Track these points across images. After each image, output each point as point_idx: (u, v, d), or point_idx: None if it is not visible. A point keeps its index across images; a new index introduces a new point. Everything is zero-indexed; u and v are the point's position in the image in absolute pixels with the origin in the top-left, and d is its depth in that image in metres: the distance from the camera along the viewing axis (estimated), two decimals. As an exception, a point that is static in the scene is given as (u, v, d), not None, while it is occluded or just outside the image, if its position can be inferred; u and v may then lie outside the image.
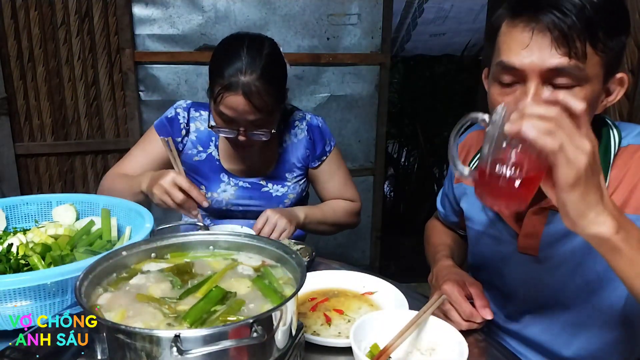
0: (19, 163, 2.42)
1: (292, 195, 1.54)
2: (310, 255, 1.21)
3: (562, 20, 0.77)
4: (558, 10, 0.77)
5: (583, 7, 0.77)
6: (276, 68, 1.34)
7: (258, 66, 1.26)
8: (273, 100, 1.31)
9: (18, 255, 0.99)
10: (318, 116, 1.57)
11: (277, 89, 1.33)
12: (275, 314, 0.65)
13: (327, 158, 1.55)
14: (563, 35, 0.77)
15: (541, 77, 0.80)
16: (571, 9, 0.77)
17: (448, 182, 1.25)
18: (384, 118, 2.85)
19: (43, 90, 2.38)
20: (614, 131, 0.94)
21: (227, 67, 1.26)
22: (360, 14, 2.65)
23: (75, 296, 0.66)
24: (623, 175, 0.90)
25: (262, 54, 1.29)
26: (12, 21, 2.26)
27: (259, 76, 1.26)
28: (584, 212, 0.67)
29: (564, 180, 0.64)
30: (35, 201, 1.22)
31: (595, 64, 0.80)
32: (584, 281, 0.97)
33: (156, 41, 2.41)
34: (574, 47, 0.77)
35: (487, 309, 0.96)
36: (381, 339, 0.86)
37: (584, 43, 0.77)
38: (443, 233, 1.33)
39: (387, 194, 4.25)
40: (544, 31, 0.79)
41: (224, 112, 1.29)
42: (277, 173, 1.53)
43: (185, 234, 0.89)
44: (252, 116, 1.29)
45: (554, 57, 0.78)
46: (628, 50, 1.94)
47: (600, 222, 0.67)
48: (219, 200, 1.51)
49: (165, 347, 0.58)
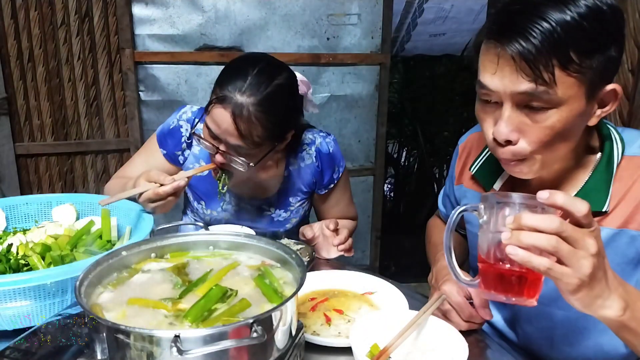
0: (19, 163, 2.42)
1: (295, 219, 1.50)
2: (310, 255, 1.21)
3: (525, 48, 0.75)
4: (522, 37, 0.75)
5: (552, 31, 0.74)
6: (281, 102, 1.21)
7: (260, 92, 1.15)
8: (264, 133, 1.17)
9: (18, 255, 0.99)
10: (329, 135, 1.45)
11: (273, 123, 1.18)
12: (275, 314, 0.65)
13: (334, 185, 1.47)
14: (527, 63, 0.75)
15: (513, 100, 0.80)
16: (537, 35, 0.75)
17: (449, 182, 1.25)
18: (384, 118, 2.85)
19: (43, 90, 2.38)
20: (617, 140, 0.91)
21: (229, 80, 1.16)
22: (360, 14, 2.65)
23: (75, 296, 0.66)
24: (627, 188, 0.87)
25: (273, 82, 1.18)
26: (12, 21, 2.26)
27: (256, 102, 1.14)
28: (591, 303, 0.69)
29: (567, 289, 0.67)
30: (35, 201, 1.22)
31: (570, 85, 0.77)
32: None
33: (156, 41, 2.41)
34: (540, 75, 0.75)
35: (487, 309, 0.96)
36: (381, 339, 0.86)
37: (551, 69, 0.75)
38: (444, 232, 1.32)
39: (387, 194, 4.25)
40: (508, 60, 0.77)
41: (208, 124, 1.19)
42: (281, 197, 1.45)
43: (185, 234, 0.89)
44: (233, 140, 1.16)
45: (521, 83, 0.77)
46: (628, 50, 1.94)
47: (607, 306, 0.70)
48: (219, 219, 1.47)
49: (165, 347, 0.58)
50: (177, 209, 2.68)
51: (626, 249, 0.88)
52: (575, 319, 0.99)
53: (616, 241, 0.88)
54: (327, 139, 1.44)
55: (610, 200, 0.88)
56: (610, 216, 0.88)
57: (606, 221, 0.89)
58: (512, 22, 0.77)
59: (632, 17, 1.89)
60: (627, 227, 0.87)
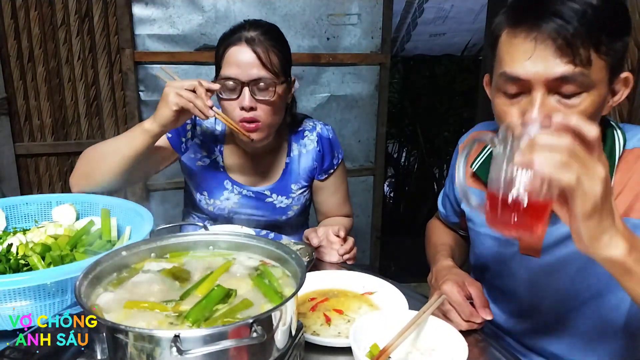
0: (19, 163, 2.42)
1: (296, 207, 1.52)
2: (310, 256, 1.21)
3: (564, 27, 0.76)
4: (559, 17, 0.76)
5: (584, 12, 0.76)
6: (280, 34, 1.35)
7: (262, 26, 1.29)
8: (277, 62, 1.28)
9: (18, 255, 0.99)
10: (327, 125, 1.54)
11: (282, 49, 1.31)
12: (275, 314, 0.65)
13: (334, 171, 1.53)
14: (566, 43, 0.76)
15: (546, 86, 0.79)
16: (573, 15, 0.76)
17: (449, 182, 1.25)
18: (384, 118, 2.85)
19: (43, 90, 2.38)
20: (618, 133, 0.93)
21: (232, 31, 1.28)
22: (360, 14, 2.65)
23: (75, 296, 0.66)
24: (628, 179, 0.89)
25: (264, 22, 1.33)
26: (12, 21, 2.25)
27: (263, 32, 1.27)
28: (598, 237, 0.66)
29: (581, 211, 0.63)
30: (35, 201, 1.22)
31: (600, 68, 0.79)
32: (585, 286, 0.97)
33: (156, 41, 2.41)
34: (578, 54, 0.76)
35: (487, 309, 0.96)
36: (381, 339, 0.86)
37: (588, 49, 0.76)
38: (444, 233, 1.33)
39: (387, 194, 4.25)
40: (546, 40, 0.77)
41: (227, 73, 1.26)
42: (283, 184, 1.49)
43: (185, 234, 0.90)
44: (257, 70, 1.25)
45: (558, 65, 0.77)
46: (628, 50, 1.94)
47: (613, 245, 0.67)
48: (222, 208, 1.49)
49: (165, 347, 0.58)
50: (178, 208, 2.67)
51: None
52: (577, 321, 1.00)
53: None
54: (326, 126, 1.53)
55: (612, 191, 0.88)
56: None
57: None
58: (542, 4, 0.78)
59: (632, 17, 1.89)
60: (628, 215, 0.88)
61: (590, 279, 0.95)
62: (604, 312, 0.97)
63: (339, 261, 1.27)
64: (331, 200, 1.57)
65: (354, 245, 1.30)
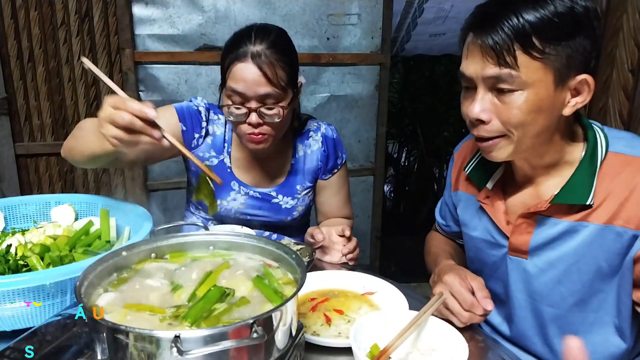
0: (19, 163, 2.42)
1: (301, 207, 1.52)
2: (310, 256, 1.20)
3: (490, 35, 0.85)
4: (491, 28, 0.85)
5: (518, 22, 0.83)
6: (287, 42, 1.31)
7: (268, 36, 1.24)
8: (284, 76, 1.25)
9: (17, 255, 0.99)
10: (331, 125, 1.54)
11: (289, 62, 1.27)
12: (275, 314, 0.65)
13: (337, 171, 1.53)
14: (491, 48, 0.85)
15: (484, 83, 0.89)
16: (503, 25, 0.84)
17: (447, 191, 1.28)
18: (384, 118, 2.85)
19: (43, 90, 2.38)
20: (600, 135, 0.95)
21: (237, 42, 1.24)
22: (360, 14, 2.65)
23: (75, 296, 0.65)
24: (613, 186, 0.91)
25: (271, 29, 1.28)
26: (12, 21, 2.25)
27: (269, 45, 1.22)
28: None
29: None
30: (34, 201, 1.22)
31: (535, 69, 0.84)
32: (570, 290, 0.99)
33: (156, 41, 2.41)
34: (502, 57, 0.84)
35: (489, 299, 0.95)
36: (381, 339, 0.86)
37: (513, 52, 0.84)
38: (443, 243, 1.34)
39: (387, 194, 4.25)
40: (477, 46, 0.88)
41: (233, 87, 1.23)
42: (288, 185, 1.49)
43: (185, 234, 0.89)
44: (263, 88, 1.22)
45: (487, 67, 0.87)
46: (628, 50, 1.94)
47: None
48: (228, 209, 1.47)
49: (165, 348, 0.58)
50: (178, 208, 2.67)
51: (612, 244, 0.91)
52: (565, 315, 1.00)
53: (602, 237, 0.92)
54: (330, 127, 1.54)
55: (595, 195, 0.91)
56: (597, 212, 0.92)
57: (592, 217, 0.92)
58: (484, 16, 0.88)
59: (632, 17, 1.89)
60: (612, 223, 0.90)
61: (575, 285, 0.98)
62: (592, 317, 0.99)
63: (340, 261, 1.27)
64: (333, 200, 1.57)
65: (357, 245, 1.30)
